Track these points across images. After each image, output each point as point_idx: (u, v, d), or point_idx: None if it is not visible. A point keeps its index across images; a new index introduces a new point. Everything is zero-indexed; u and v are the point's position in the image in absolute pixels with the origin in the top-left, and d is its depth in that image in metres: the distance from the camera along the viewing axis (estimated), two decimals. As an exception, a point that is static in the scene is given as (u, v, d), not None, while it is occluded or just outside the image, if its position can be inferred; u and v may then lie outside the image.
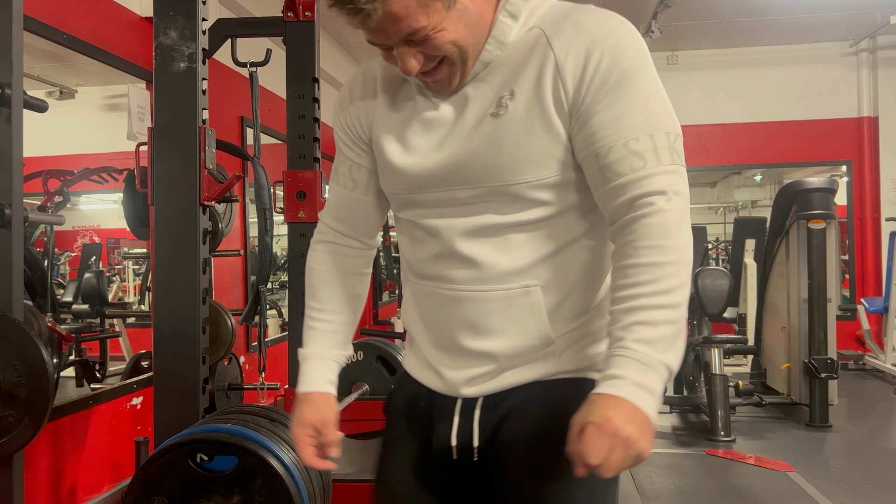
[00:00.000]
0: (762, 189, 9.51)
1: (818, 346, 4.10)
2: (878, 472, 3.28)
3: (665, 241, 0.82)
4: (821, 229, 4.14)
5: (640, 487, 3.08)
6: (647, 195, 0.83)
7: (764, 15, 5.70)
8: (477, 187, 0.90)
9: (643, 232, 0.82)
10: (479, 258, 0.91)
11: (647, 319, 0.80)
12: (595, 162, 0.86)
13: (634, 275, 0.82)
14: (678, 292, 0.82)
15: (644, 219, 0.82)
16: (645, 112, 0.85)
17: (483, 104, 0.90)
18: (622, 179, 0.84)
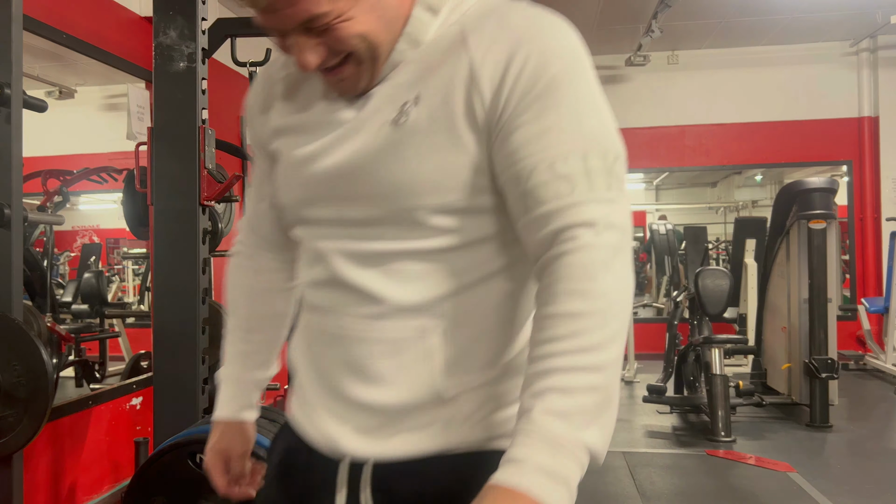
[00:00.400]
0: (763, 189, 9.50)
1: (819, 347, 4.10)
2: (879, 473, 3.28)
3: (588, 285, 0.66)
4: (821, 229, 4.14)
5: (640, 488, 3.07)
6: (571, 227, 0.68)
7: (764, 14, 5.70)
8: (369, 207, 0.76)
9: (563, 273, 0.67)
10: (370, 290, 0.76)
11: (561, 385, 0.64)
12: (515, 186, 0.71)
13: (550, 327, 0.66)
14: (603, 350, 0.65)
15: (565, 257, 0.67)
16: (577, 127, 0.70)
17: (385, 109, 0.75)
18: (545, 208, 0.69)
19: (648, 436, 3.94)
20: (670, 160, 6.74)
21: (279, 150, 0.85)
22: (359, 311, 0.77)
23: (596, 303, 0.66)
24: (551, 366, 0.65)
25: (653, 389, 4.21)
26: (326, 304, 0.80)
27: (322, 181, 0.79)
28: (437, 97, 0.72)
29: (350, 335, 0.78)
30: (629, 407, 4.64)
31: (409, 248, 0.75)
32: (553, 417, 0.63)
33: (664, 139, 6.69)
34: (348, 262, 0.78)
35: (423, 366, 0.75)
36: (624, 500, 2.95)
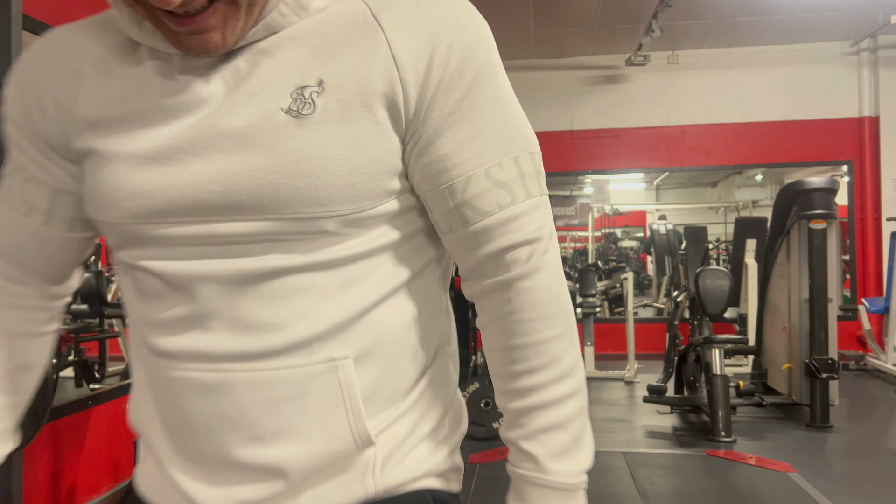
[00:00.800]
0: (763, 189, 9.50)
1: (819, 347, 4.09)
2: (879, 473, 3.28)
3: (552, 308, 0.64)
4: (822, 229, 4.14)
5: (640, 488, 3.07)
6: (519, 245, 0.63)
7: (764, 14, 5.69)
8: (259, 219, 0.59)
9: (525, 301, 0.63)
10: (258, 321, 0.60)
11: (556, 420, 0.63)
12: (449, 198, 0.62)
13: (525, 358, 0.64)
14: (578, 367, 0.65)
15: (522, 282, 0.63)
16: (506, 127, 0.64)
17: (269, 92, 0.59)
18: (487, 221, 0.62)
19: (648, 436, 3.94)
20: (670, 160, 6.74)
21: (96, 149, 0.63)
22: (243, 350, 0.60)
23: (562, 323, 0.65)
24: (540, 400, 0.64)
25: (653, 390, 4.20)
26: (191, 349, 0.62)
27: (181, 189, 0.59)
28: (349, 84, 0.59)
29: (231, 382, 0.61)
30: (629, 407, 4.63)
31: (308, 261, 0.61)
32: (560, 461, 0.63)
33: (664, 139, 6.69)
34: (224, 289, 0.60)
35: (337, 407, 0.62)
36: (624, 500, 2.94)
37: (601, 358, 6.14)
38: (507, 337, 0.65)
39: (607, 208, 10.17)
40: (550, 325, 0.64)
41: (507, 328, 0.65)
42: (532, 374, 0.64)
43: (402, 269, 0.66)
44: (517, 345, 0.64)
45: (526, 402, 0.64)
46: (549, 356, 0.64)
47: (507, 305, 0.64)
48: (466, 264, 0.66)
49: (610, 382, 5.42)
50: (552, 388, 0.64)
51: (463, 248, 0.65)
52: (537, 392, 0.64)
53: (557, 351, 0.64)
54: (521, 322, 0.64)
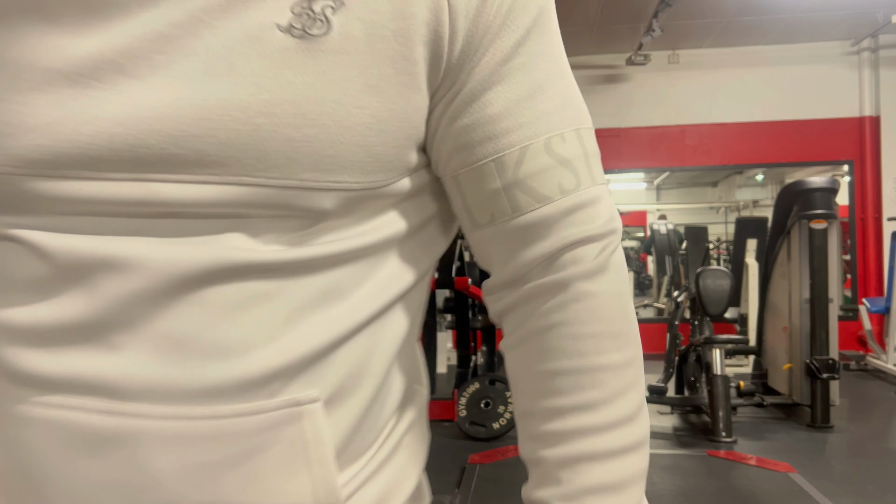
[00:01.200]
0: (764, 189, 9.50)
1: (820, 347, 4.09)
2: (880, 473, 3.27)
3: (622, 324, 0.49)
4: (822, 229, 4.13)
5: (640, 488, 3.07)
6: (586, 242, 0.47)
7: (765, 14, 5.69)
8: (225, 181, 0.40)
9: (586, 309, 0.47)
10: (200, 341, 0.41)
11: (613, 480, 0.47)
12: (495, 175, 0.46)
13: (579, 388, 0.47)
14: (645, 413, 0.50)
15: (585, 283, 0.47)
16: (567, 90, 0.49)
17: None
18: (546, 209, 0.47)
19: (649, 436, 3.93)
20: (671, 160, 6.73)
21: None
22: (168, 384, 0.40)
23: (632, 346, 0.49)
24: (594, 449, 0.47)
25: (653, 390, 4.20)
26: (78, 375, 0.40)
27: (106, 127, 0.38)
28: (383, 9, 0.41)
29: (141, 433, 0.40)
30: (630, 407, 4.63)
31: (284, 258, 0.42)
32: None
33: (665, 139, 6.68)
34: (149, 286, 0.40)
35: (296, 474, 0.43)
36: (624, 500, 2.94)
37: (601, 358, 6.13)
38: (551, 357, 0.48)
39: (608, 208, 10.13)
40: (617, 347, 0.48)
41: (553, 346, 0.48)
42: (585, 412, 0.47)
43: (403, 275, 0.49)
44: (567, 369, 0.47)
45: (572, 450, 0.47)
46: (613, 388, 0.48)
47: (559, 314, 0.47)
48: (506, 269, 0.49)
49: (610, 382, 5.41)
50: (613, 434, 0.47)
51: (506, 247, 0.49)
52: (591, 436, 0.47)
53: (624, 383, 0.48)
54: (576, 338, 0.47)
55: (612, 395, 0.48)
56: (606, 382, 0.48)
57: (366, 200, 0.44)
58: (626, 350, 0.49)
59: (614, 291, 0.49)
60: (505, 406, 3.89)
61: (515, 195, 0.47)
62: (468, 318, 4.49)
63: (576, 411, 0.48)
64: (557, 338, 0.48)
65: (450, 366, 5.99)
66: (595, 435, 0.47)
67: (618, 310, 0.49)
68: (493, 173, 0.47)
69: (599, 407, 0.47)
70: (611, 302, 0.48)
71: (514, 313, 0.50)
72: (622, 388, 0.48)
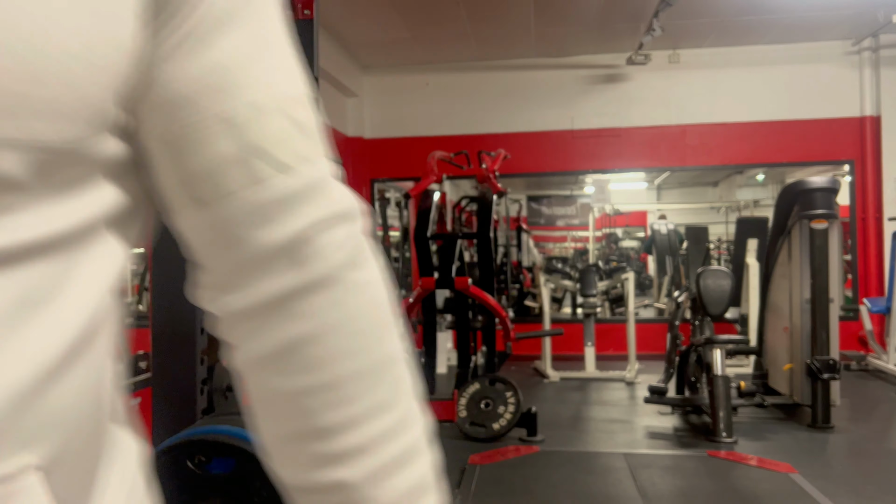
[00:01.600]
0: (764, 188, 9.50)
1: (820, 347, 4.08)
2: (881, 474, 3.27)
3: (391, 314, 0.43)
4: (823, 229, 4.13)
5: (641, 489, 3.06)
6: (336, 222, 0.40)
7: (766, 13, 5.68)
8: None
9: (356, 305, 0.41)
10: None
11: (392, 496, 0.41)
12: (226, 137, 0.37)
13: (346, 400, 0.40)
14: (419, 414, 0.44)
15: (352, 272, 0.41)
16: (291, 54, 0.43)
17: None
18: (290, 180, 0.38)
19: (649, 437, 3.93)
20: (671, 160, 6.73)
21: None
22: None
23: (401, 337, 0.44)
24: (366, 469, 0.41)
25: (654, 390, 4.19)
26: None
27: None
28: None
29: None
30: (630, 408, 4.62)
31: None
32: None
33: (665, 138, 6.68)
34: None
35: None
36: (625, 501, 2.93)
37: (602, 358, 6.13)
38: (327, 363, 0.40)
39: (608, 208, 10.15)
40: (395, 337, 0.43)
41: (328, 349, 0.40)
42: (352, 429, 0.40)
43: (107, 276, 0.36)
44: (330, 381, 0.40)
45: (339, 476, 0.40)
46: (382, 395, 0.41)
47: (333, 310, 0.40)
48: (236, 257, 0.39)
49: (611, 383, 5.41)
50: (388, 447, 0.41)
51: (236, 229, 0.38)
52: (362, 457, 0.40)
53: (396, 391, 0.42)
54: (357, 334, 0.41)
55: (387, 402, 0.42)
56: (377, 387, 0.41)
57: (62, 166, 0.32)
58: (399, 340, 0.44)
59: (382, 279, 0.43)
60: (505, 406, 3.89)
61: (252, 163, 0.38)
62: (468, 318, 4.48)
63: (342, 429, 0.40)
64: (335, 338, 0.40)
65: (450, 366, 5.99)
66: (369, 454, 0.41)
67: (387, 298, 0.43)
68: (224, 135, 0.37)
69: (370, 418, 0.41)
70: (383, 291, 0.43)
71: (259, 318, 0.40)
72: (401, 393, 0.43)
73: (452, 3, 5.28)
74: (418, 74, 6.93)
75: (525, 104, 6.83)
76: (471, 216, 6.46)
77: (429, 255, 4.24)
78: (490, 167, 4.80)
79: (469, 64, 6.85)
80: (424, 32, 6.01)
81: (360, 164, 6.99)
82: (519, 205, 8.62)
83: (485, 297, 4.13)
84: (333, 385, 0.40)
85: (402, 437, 0.42)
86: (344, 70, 6.42)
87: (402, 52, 6.52)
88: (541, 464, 3.44)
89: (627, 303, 5.87)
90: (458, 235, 4.41)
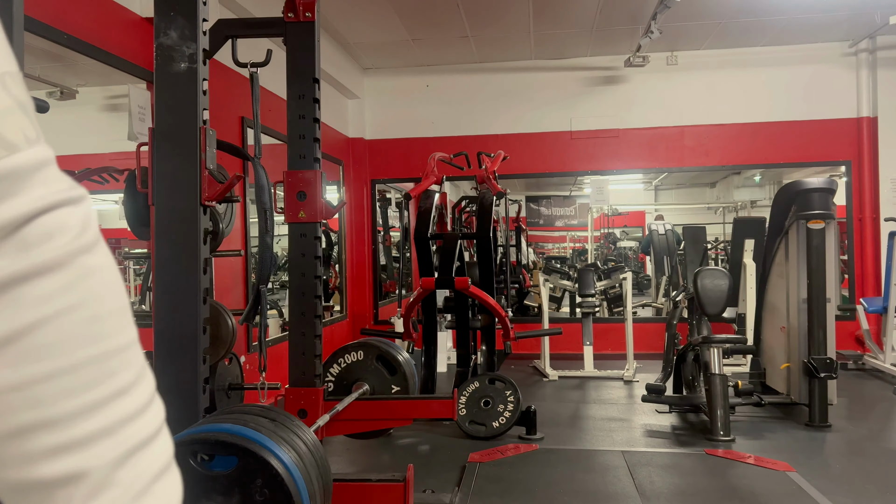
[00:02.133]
0: (761, 189, 9.52)
1: (817, 346, 4.11)
2: (878, 472, 3.29)
3: (113, 305, 0.41)
4: (820, 229, 4.15)
5: (639, 487, 3.08)
6: (64, 205, 0.39)
7: (763, 15, 5.71)
8: None
9: (97, 286, 0.40)
10: None
11: None
12: None
13: (114, 374, 0.40)
14: (156, 397, 0.44)
15: (86, 257, 0.40)
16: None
17: None
18: (16, 159, 0.37)
19: (648, 435, 3.95)
20: (669, 160, 6.75)
21: None
22: None
23: (126, 331, 0.42)
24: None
25: (652, 389, 4.22)
26: None
27: None
28: None
29: None
30: (628, 406, 4.65)
31: None
32: None
33: (663, 140, 6.71)
34: None
35: None
36: (623, 499, 2.95)
37: (600, 357, 6.15)
38: (44, 357, 0.38)
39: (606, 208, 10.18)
40: (126, 325, 0.41)
41: (46, 342, 0.38)
42: (95, 414, 0.39)
43: None
44: (67, 367, 0.38)
45: (78, 464, 0.38)
46: (126, 379, 0.40)
47: (56, 301, 0.38)
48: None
49: (609, 382, 5.43)
50: (131, 429, 0.41)
51: None
52: (106, 440, 0.39)
53: (141, 372, 0.42)
54: (88, 320, 0.39)
55: (139, 377, 0.42)
56: (137, 362, 0.42)
57: None
58: (133, 325, 0.42)
59: (113, 264, 0.41)
60: (504, 405, 3.91)
61: None
62: (468, 318, 4.50)
63: (113, 397, 0.40)
64: (70, 323, 0.38)
65: (450, 365, 6.01)
66: (134, 423, 0.41)
67: (121, 283, 0.42)
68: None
69: (133, 390, 0.41)
70: (116, 275, 0.41)
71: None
72: (143, 364, 0.42)
73: (452, 5, 5.30)
74: (418, 76, 6.96)
75: (524, 106, 6.85)
76: (470, 216, 6.48)
77: (429, 256, 4.27)
78: (489, 168, 4.83)
79: (469, 66, 6.87)
80: (424, 35, 6.03)
81: (361, 165, 7.01)
82: (518, 205, 8.64)
83: (484, 297, 4.16)
84: (70, 370, 0.38)
85: (143, 419, 0.41)
86: (345, 72, 6.44)
87: (402, 54, 6.54)
88: (540, 461, 3.46)
89: (626, 302, 5.90)
90: (458, 236, 4.43)
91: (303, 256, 2.67)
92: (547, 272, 7.52)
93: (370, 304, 6.99)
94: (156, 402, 0.43)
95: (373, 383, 3.43)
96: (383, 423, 3.26)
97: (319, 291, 2.72)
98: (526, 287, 7.74)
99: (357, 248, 7.00)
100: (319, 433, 2.59)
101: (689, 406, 4.31)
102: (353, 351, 3.49)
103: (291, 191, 2.60)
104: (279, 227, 3.69)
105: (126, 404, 0.40)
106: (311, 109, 2.61)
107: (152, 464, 0.41)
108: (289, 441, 1.81)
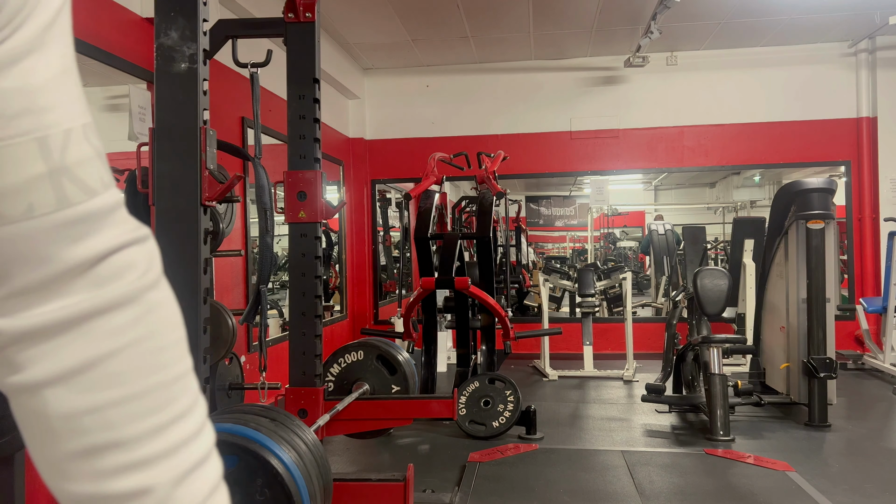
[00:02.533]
0: (761, 189, 9.53)
1: (817, 346, 4.11)
2: (877, 472, 3.29)
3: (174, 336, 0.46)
4: (820, 229, 4.16)
5: (639, 487, 3.09)
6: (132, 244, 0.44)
7: (763, 16, 5.71)
8: None
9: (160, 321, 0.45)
10: None
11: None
12: (39, 158, 0.40)
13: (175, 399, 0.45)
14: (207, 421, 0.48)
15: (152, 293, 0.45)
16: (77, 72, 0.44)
17: None
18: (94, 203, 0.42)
19: (647, 435, 3.95)
20: (669, 161, 6.75)
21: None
22: None
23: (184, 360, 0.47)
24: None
25: (651, 389, 4.22)
26: None
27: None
28: None
29: None
30: (628, 406, 4.65)
31: None
32: None
33: (663, 140, 6.71)
34: None
35: None
36: (623, 498, 2.96)
37: (600, 357, 6.16)
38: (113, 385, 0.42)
39: (606, 208, 10.18)
40: (184, 354, 0.46)
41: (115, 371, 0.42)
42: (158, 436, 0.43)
43: None
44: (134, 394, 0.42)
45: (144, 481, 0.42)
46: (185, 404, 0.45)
47: (124, 334, 0.42)
48: (35, 276, 0.40)
49: (609, 381, 5.44)
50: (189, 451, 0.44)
51: (41, 248, 0.40)
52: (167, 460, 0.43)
53: (197, 398, 0.46)
54: (153, 351, 0.43)
55: (194, 402, 0.46)
56: (194, 388, 0.46)
57: None
58: (189, 354, 0.47)
59: (174, 299, 0.46)
60: (504, 405, 3.91)
61: (63, 184, 0.40)
62: (468, 318, 4.51)
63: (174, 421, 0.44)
64: (137, 354, 0.42)
65: (450, 365, 6.01)
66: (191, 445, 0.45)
67: (180, 316, 0.46)
68: (36, 155, 0.39)
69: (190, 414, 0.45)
70: (176, 309, 0.46)
71: (58, 336, 0.41)
72: (198, 391, 0.47)
73: (452, 6, 5.31)
74: (418, 77, 6.96)
75: (524, 106, 6.85)
76: (470, 216, 6.48)
77: (429, 256, 4.27)
78: (489, 168, 4.83)
79: (468, 66, 6.88)
80: (424, 35, 6.03)
81: (361, 165, 7.01)
82: (518, 205, 8.64)
83: (484, 297, 4.16)
84: (138, 396, 0.42)
85: (199, 441, 0.45)
86: (345, 72, 6.44)
87: (402, 54, 6.54)
88: (540, 461, 3.47)
89: (625, 302, 5.90)
90: (458, 236, 4.43)
91: (303, 256, 2.68)
92: (547, 272, 7.52)
93: (370, 304, 7.00)
94: (208, 425, 0.46)
95: (373, 383, 3.44)
96: (383, 422, 3.27)
97: (319, 291, 2.72)
98: (526, 287, 7.75)
99: (357, 248, 7.00)
100: (319, 433, 2.59)
101: (688, 406, 4.32)
102: (354, 351, 3.50)
103: (292, 191, 2.60)
104: (279, 227, 3.70)
105: (185, 427, 0.44)
106: (311, 110, 2.61)
107: (206, 482, 0.44)
108: (289, 441, 1.82)
